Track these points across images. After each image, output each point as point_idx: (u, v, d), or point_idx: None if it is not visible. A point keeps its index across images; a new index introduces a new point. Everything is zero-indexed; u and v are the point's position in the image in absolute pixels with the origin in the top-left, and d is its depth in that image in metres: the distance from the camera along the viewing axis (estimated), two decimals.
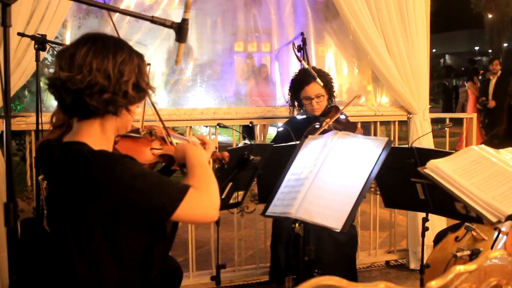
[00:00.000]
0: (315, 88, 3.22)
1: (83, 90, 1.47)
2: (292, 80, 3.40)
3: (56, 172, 1.59)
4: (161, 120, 1.93)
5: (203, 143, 1.93)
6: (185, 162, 1.74)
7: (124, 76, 1.51)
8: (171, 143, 1.85)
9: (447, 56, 32.62)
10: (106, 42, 1.52)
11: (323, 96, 3.26)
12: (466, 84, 11.57)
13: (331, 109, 3.31)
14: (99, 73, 1.47)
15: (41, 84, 2.79)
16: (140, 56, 1.59)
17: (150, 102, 1.89)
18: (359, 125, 3.41)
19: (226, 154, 2.13)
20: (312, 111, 3.26)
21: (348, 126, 3.24)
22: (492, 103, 8.88)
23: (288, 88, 3.43)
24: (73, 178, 1.52)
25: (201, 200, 1.55)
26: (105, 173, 1.48)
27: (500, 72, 8.98)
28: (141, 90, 1.57)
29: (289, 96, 3.42)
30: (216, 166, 2.20)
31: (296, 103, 3.39)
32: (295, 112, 3.44)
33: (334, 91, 3.40)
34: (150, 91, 1.62)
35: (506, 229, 2.46)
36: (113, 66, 1.49)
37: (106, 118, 1.56)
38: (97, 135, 1.57)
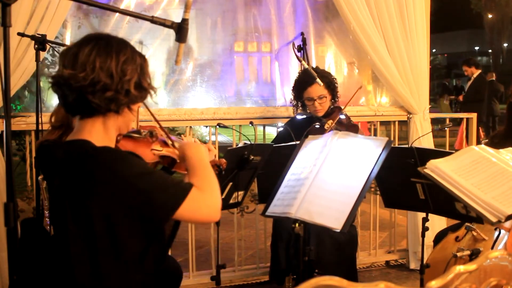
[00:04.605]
0: (317, 89, 3.21)
1: (86, 87, 1.49)
2: (295, 80, 3.39)
3: (60, 171, 1.60)
4: (157, 122, 1.92)
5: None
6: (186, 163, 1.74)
7: (126, 75, 1.52)
8: (172, 145, 1.85)
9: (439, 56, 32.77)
10: (109, 42, 1.54)
11: (326, 97, 3.25)
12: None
13: (334, 110, 3.30)
14: (102, 72, 1.49)
15: (41, 84, 2.79)
16: (143, 57, 1.61)
17: (145, 105, 1.89)
18: (360, 129, 3.39)
19: (223, 160, 2.11)
20: (315, 112, 3.25)
21: (349, 129, 3.23)
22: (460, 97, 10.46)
23: (291, 89, 3.42)
24: (77, 174, 1.52)
25: (204, 200, 1.56)
26: (108, 169, 1.49)
27: (477, 74, 9.52)
28: (143, 89, 1.59)
29: (292, 97, 3.42)
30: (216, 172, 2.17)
31: (299, 104, 3.39)
32: (298, 112, 3.44)
33: (337, 92, 3.39)
34: (152, 91, 1.63)
35: (509, 225, 2.45)
36: (116, 65, 1.50)
37: (108, 117, 1.57)
38: (100, 133, 1.58)
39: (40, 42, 2.65)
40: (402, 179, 2.61)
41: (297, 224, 2.26)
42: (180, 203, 1.51)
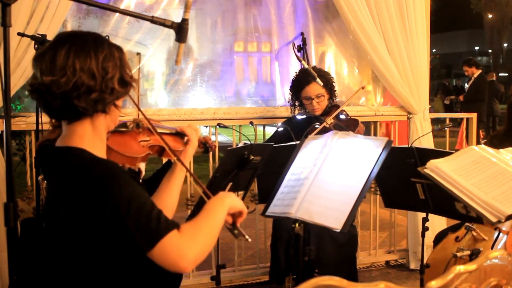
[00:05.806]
0: (315, 88, 3.22)
1: (69, 92, 1.43)
2: (292, 80, 3.40)
3: (56, 176, 1.57)
4: (140, 111, 1.92)
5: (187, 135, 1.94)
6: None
7: (109, 73, 1.47)
8: (157, 132, 1.84)
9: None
10: (85, 40, 1.48)
11: (324, 96, 3.26)
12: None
13: (332, 109, 3.31)
14: (83, 73, 1.43)
15: None
16: (120, 49, 1.55)
17: (129, 97, 1.90)
18: (360, 123, 3.39)
19: (209, 137, 2.13)
20: (313, 111, 3.26)
21: (349, 123, 3.24)
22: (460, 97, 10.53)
23: (289, 88, 3.43)
24: (72, 184, 1.49)
25: (179, 247, 1.41)
26: (101, 186, 1.44)
27: (477, 74, 9.59)
28: (127, 83, 1.54)
29: (290, 96, 3.42)
30: (201, 150, 2.17)
31: (297, 103, 3.40)
32: (296, 112, 3.44)
33: (335, 91, 3.40)
34: (134, 84, 1.58)
35: (507, 229, 2.47)
36: (96, 64, 1.45)
37: (96, 117, 1.53)
38: (90, 136, 1.54)
39: (40, 42, 2.65)
40: (402, 179, 2.61)
41: (297, 224, 2.26)
42: (155, 243, 1.40)
